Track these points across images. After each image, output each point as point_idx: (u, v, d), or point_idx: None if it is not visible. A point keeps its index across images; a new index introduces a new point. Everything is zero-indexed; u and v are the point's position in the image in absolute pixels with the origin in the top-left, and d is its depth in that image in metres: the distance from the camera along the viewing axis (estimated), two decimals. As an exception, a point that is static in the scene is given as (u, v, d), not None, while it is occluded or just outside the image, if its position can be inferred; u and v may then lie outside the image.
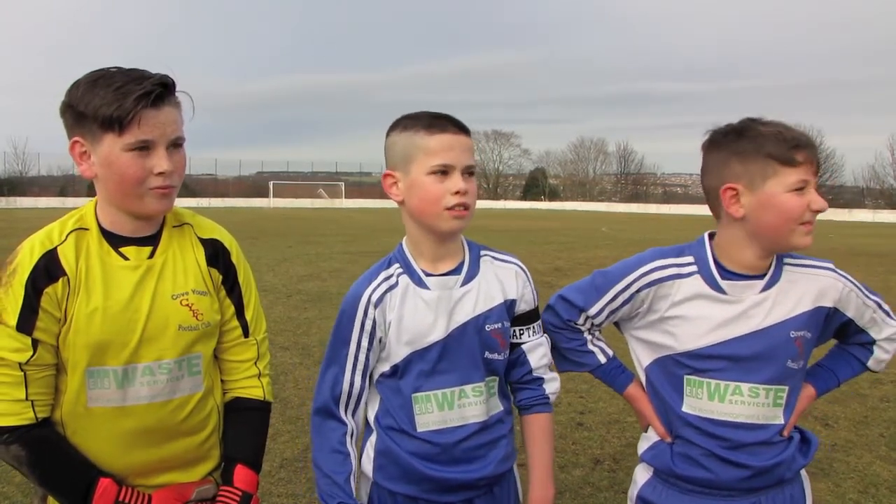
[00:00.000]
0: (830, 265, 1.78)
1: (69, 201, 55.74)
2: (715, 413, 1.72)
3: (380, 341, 1.70)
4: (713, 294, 1.72)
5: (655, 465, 1.83)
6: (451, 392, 1.69)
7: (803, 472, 1.84)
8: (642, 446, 1.89)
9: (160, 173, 1.56)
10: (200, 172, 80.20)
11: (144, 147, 1.53)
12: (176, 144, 1.60)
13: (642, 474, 1.89)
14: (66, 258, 1.57)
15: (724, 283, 1.72)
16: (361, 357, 1.70)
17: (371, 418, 1.77)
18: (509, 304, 1.76)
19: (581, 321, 1.86)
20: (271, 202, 63.16)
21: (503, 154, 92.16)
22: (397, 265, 1.73)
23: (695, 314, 1.73)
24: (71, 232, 1.60)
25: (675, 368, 1.76)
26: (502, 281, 1.76)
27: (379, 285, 1.70)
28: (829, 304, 1.75)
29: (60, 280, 1.55)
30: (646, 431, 1.89)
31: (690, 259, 1.76)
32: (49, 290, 1.54)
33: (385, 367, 1.72)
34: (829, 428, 4.75)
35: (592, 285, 1.84)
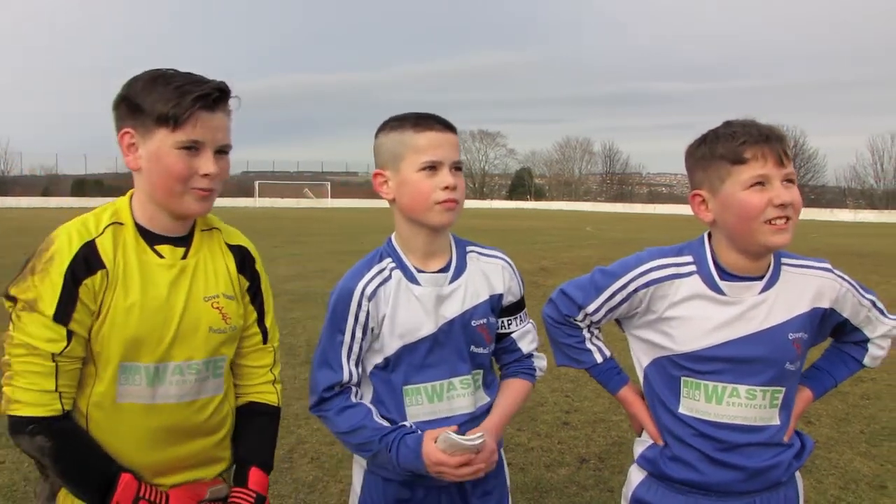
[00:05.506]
0: (827, 265, 1.75)
1: (52, 201, 55.25)
2: (711, 415, 1.70)
3: (372, 331, 1.75)
4: (712, 295, 1.69)
5: (649, 469, 1.82)
6: (440, 385, 1.75)
7: (797, 473, 1.82)
8: (637, 450, 1.86)
9: (205, 175, 1.58)
10: (185, 172, 79.41)
11: (194, 147, 1.56)
12: (223, 151, 1.63)
13: (637, 474, 1.86)
14: (105, 251, 1.57)
15: (723, 284, 1.69)
16: (356, 347, 1.74)
17: None
18: (496, 299, 1.81)
19: (580, 318, 1.85)
20: (257, 202, 62.97)
21: (489, 154, 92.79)
22: (389, 259, 1.78)
23: (693, 315, 1.70)
24: (108, 226, 1.60)
25: (672, 369, 1.74)
26: (488, 276, 1.81)
27: (372, 279, 1.75)
28: (825, 304, 1.72)
29: (99, 273, 1.55)
30: (640, 435, 1.88)
31: (689, 259, 1.73)
32: (87, 281, 1.53)
33: (378, 359, 1.76)
34: (810, 425, 4.80)
35: (592, 283, 1.82)
